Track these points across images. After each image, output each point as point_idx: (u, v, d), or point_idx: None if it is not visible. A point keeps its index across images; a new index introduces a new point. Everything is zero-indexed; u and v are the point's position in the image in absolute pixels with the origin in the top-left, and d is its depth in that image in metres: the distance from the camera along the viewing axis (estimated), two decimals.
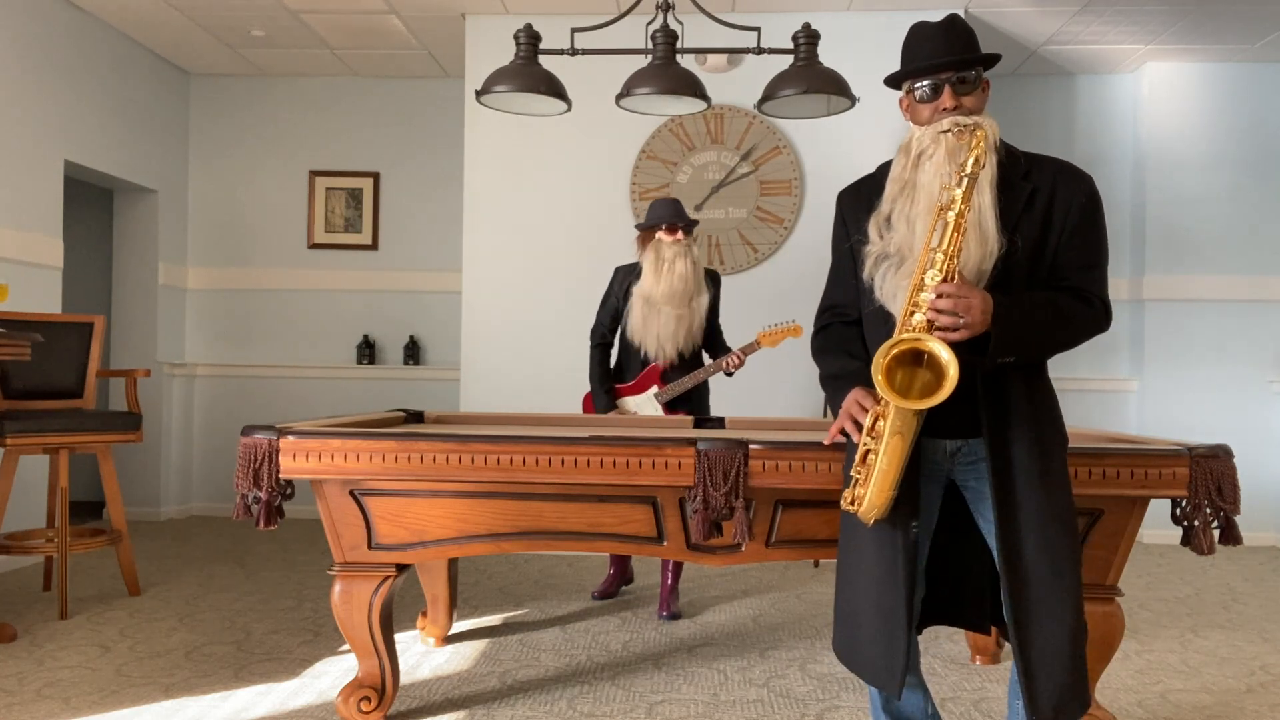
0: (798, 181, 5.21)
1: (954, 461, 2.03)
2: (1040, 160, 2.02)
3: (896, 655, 1.93)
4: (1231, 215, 5.80)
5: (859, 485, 1.92)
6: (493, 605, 4.05)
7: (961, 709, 2.87)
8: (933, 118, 1.95)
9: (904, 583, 1.93)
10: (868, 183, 2.12)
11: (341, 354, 6.32)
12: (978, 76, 1.95)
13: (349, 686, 2.65)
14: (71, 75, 5.10)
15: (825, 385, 2.12)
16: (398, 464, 2.47)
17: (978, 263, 1.88)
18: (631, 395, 3.94)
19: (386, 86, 6.32)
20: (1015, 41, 5.45)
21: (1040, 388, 2.00)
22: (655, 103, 3.32)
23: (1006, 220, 1.91)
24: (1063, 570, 1.89)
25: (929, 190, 1.91)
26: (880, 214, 1.99)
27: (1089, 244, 1.98)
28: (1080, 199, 1.97)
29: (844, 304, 2.14)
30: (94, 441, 3.88)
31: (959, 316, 1.81)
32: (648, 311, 3.76)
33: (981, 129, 1.85)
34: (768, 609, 4.04)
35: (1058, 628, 1.88)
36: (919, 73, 1.96)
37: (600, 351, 3.93)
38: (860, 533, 1.99)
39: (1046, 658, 1.87)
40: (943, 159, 1.90)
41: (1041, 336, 1.93)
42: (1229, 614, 4.07)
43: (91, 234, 6.49)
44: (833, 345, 2.13)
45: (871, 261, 1.98)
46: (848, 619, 2.03)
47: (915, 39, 2.00)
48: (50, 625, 3.63)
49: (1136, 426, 5.86)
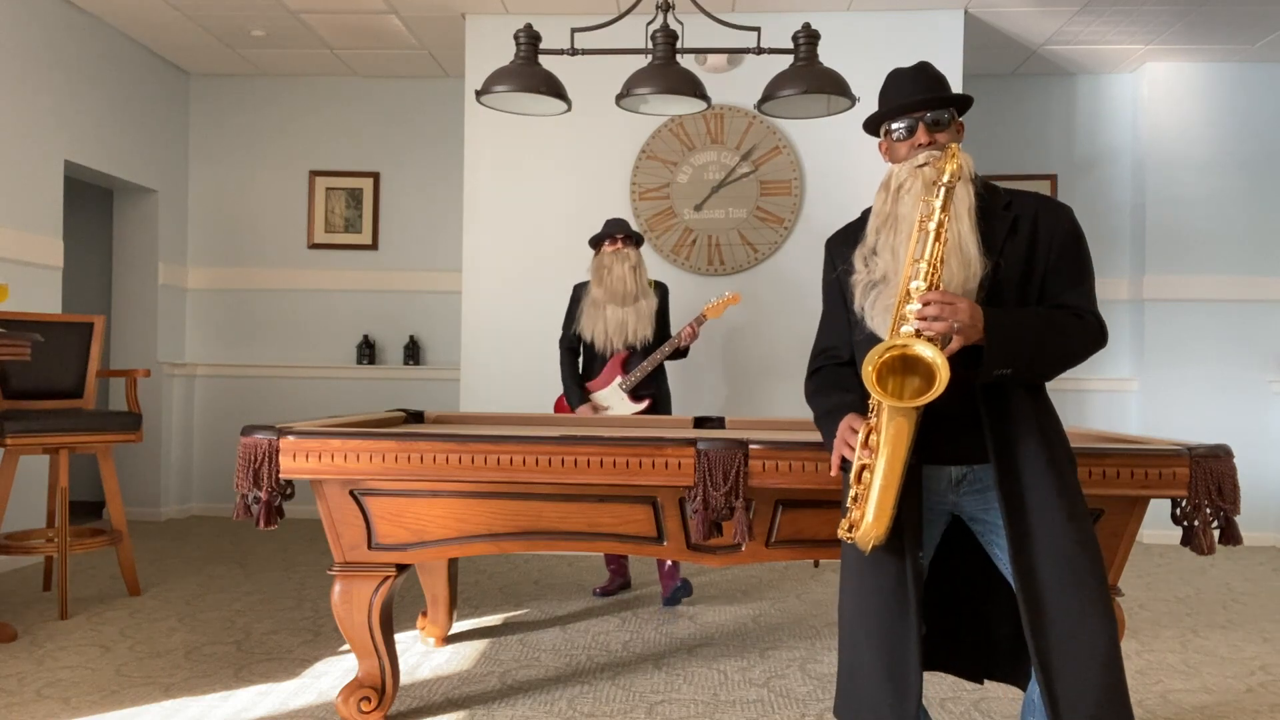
0: (798, 181, 5.21)
1: (959, 491, 1.98)
2: (1020, 194, 2.06)
3: (909, 688, 1.84)
4: (1231, 215, 5.80)
5: (855, 508, 1.88)
6: (493, 605, 4.05)
7: (961, 709, 2.87)
8: (909, 154, 1.99)
9: (913, 613, 1.85)
10: (854, 227, 2.14)
11: (341, 354, 6.32)
12: (950, 117, 2.00)
13: (349, 686, 2.65)
14: (71, 75, 5.10)
15: (820, 423, 2.09)
16: (398, 464, 2.48)
17: (961, 283, 1.89)
18: (599, 389, 4.21)
19: (386, 86, 6.32)
20: (1015, 41, 5.45)
21: (1045, 408, 1.97)
22: (655, 103, 3.32)
23: (991, 246, 1.93)
24: (1091, 600, 1.80)
25: (910, 220, 1.93)
26: (865, 246, 2.03)
27: (1075, 268, 2.00)
28: (1063, 227, 2.00)
29: (836, 346, 2.15)
30: (94, 441, 3.88)
31: (945, 320, 1.80)
32: (594, 310, 4.17)
33: (953, 146, 1.89)
34: (768, 609, 4.04)
35: (1088, 662, 1.78)
36: (893, 113, 2.01)
37: (569, 355, 4.29)
38: (861, 568, 1.92)
39: (1075, 695, 1.78)
40: (920, 190, 1.92)
41: (1036, 346, 1.89)
42: (1229, 614, 4.07)
43: (91, 234, 6.49)
44: (825, 386, 2.12)
45: (860, 290, 2.01)
46: (849, 669, 1.94)
47: (890, 85, 2.07)
48: (50, 625, 3.63)
49: (1136, 426, 5.85)
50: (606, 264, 4.15)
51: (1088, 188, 6.05)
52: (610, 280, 4.10)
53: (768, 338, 5.23)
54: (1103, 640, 1.79)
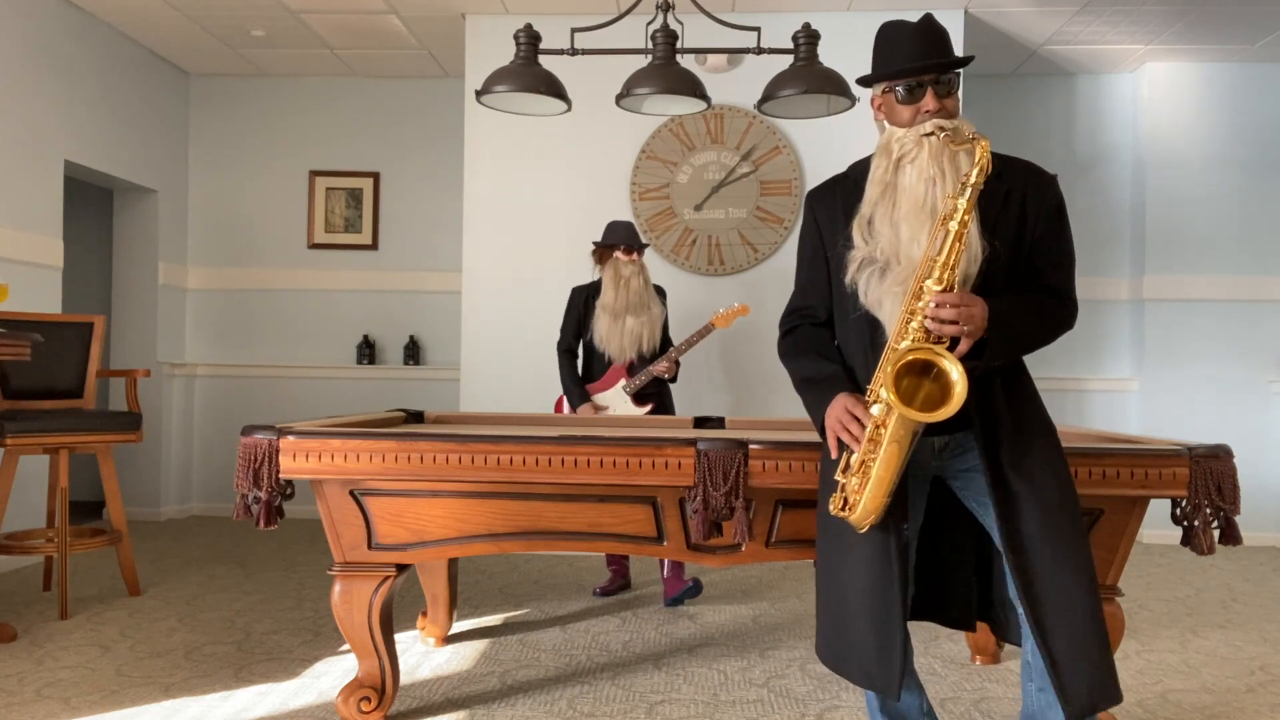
0: (798, 181, 5.21)
1: (942, 458, 2.03)
2: (1009, 161, 2.03)
3: (894, 658, 1.91)
4: (1231, 215, 5.80)
5: (853, 492, 1.90)
6: (493, 605, 4.05)
7: (961, 709, 2.87)
8: (914, 119, 1.94)
9: (898, 586, 1.91)
10: (840, 183, 2.10)
11: (341, 354, 6.32)
12: (955, 79, 1.96)
13: (349, 686, 2.65)
14: (71, 75, 5.10)
15: (801, 389, 2.08)
16: (398, 464, 2.48)
17: (964, 268, 1.88)
18: (601, 390, 4.21)
19: (386, 86, 6.32)
20: (1015, 41, 5.45)
21: (1020, 382, 2.03)
22: (655, 103, 3.33)
23: (984, 220, 1.92)
24: (1070, 553, 1.88)
25: (912, 193, 1.90)
26: (862, 217, 1.98)
27: (1060, 244, 2.02)
28: (1051, 202, 2.01)
29: (814, 305, 2.12)
30: (94, 441, 3.88)
31: (960, 324, 1.82)
32: (612, 321, 4.16)
33: (984, 140, 1.84)
34: (768, 609, 4.04)
35: (1075, 607, 1.85)
36: (900, 74, 1.94)
37: (568, 357, 4.29)
38: (848, 536, 1.97)
39: (1070, 642, 1.84)
40: (926, 162, 1.89)
41: (1029, 336, 1.97)
42: (1229, 614, 4.07)
43: (91, 234, 6.49)
44: (803, 347, 2.10)
45: (855, 267, 1.97)
46: (834, 622, 2.00)
47: (892, 39, 1.98)
48: (50, 625, 3.63)
49: (1137, 426, 5.85)
50: (624, 275, 4.15)
51: (1088, 188, 6.05)
52: (629, 293, 4.13)
53: (768, 338, 5.23)
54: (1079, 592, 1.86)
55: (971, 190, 1.82)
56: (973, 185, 1.82)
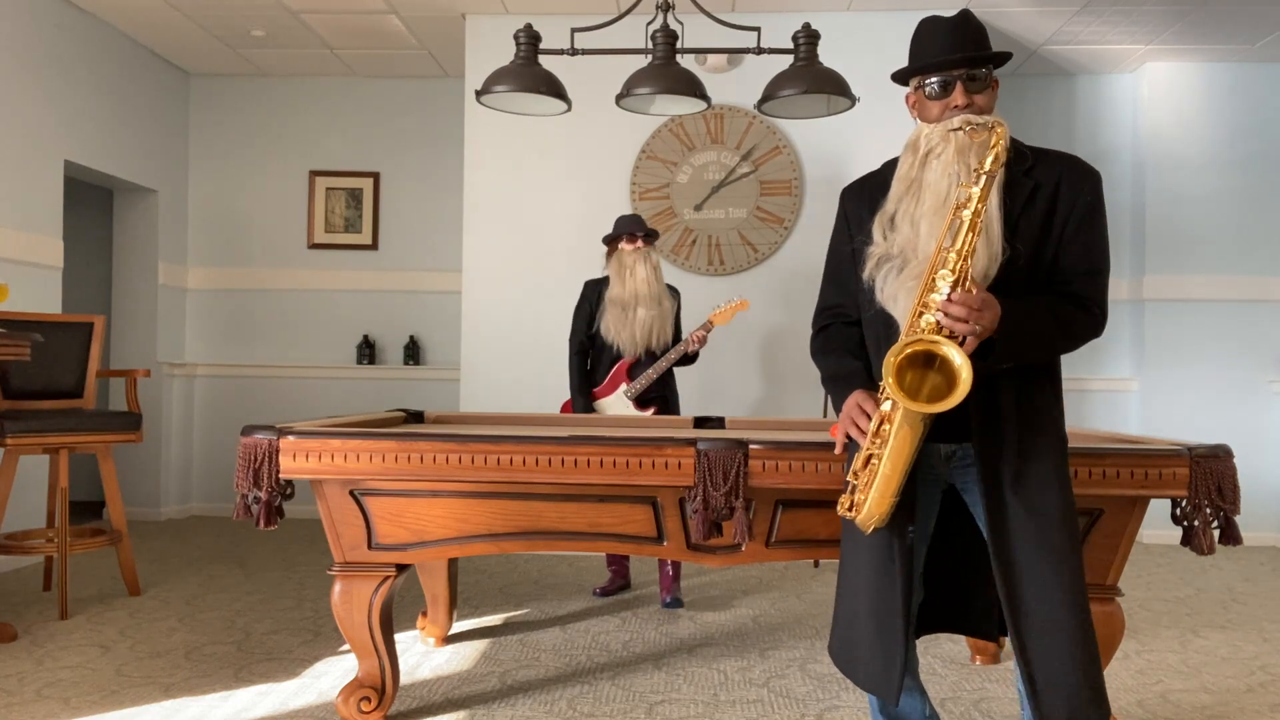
0: (798, 181, 5.21)
1: (949, 466, 2.00)
2: (1047, 155, 1.97)
3: (893, 662, 1.90)
4: (1231, 215, 5.79)
5: (858, 491, 1.89)
6: (493, 605, 4.05)
7: (961, 709, 2.87)
8: (942, 115, 1.91)
9: (900, 588, 1.90)
10: (872, 179, 2.07)
11: (341, 354, 6.32)
12: (989, 74, 1.91)
13: (349, 686, 2.65)
14: (71, 75, 5.10)
15: (827, 385, 2.09)
16: (398, 464, 2.47)
17: (984, 267, 1.84)
18: (604, 397, 4.15)
19: (386, 86, 6.32)
20: (1015, 41, 5.45)
21: (1034, 391, 1.95)
22: (655, 103, 3.33)
23: (1006, 217, 1.87)
24: (1060, 571, 1.84)
25: (936, 190, 1.87)
26: (885, 213, 1.95)
27: (1091, 247, 1.93)
28: (1085, 198, 1.92)
29: (844, 304, 2.10)
30: (94, 441, 3.88)
31: (970, 324, 1.76)
32: (620, 313, 4.04)
33: (1001, 127, 1.80)
34: (768, 609, 4.04)
35: (1058, 631, 1.83)
36: (929, 69, 1.91)
37: (579, 359, 4.19)
38: (858, 538, 1.97)
39: (1049, 662, 1.83)
40: (952, 157, 1.86)
41: (1042, 344, 1.90)
42: (1229, 614, 4.07)
43: (91, 234, 6.49)
44: (833, 345, 2.10)
45: (873, 263, 1.94)
46: (846, 624, 2.01)
47: (927, 34, 1.95)
48: (50, 625, 3.63)
49: (1136, 426, 5.85)
50: (628, 263, 4.04)
51: None
52: (634, 282, 4.00)
53: (768, 338, 5.23)
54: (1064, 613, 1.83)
55: (986, 178, 1.78)
56: (987, 172, 1.78)
